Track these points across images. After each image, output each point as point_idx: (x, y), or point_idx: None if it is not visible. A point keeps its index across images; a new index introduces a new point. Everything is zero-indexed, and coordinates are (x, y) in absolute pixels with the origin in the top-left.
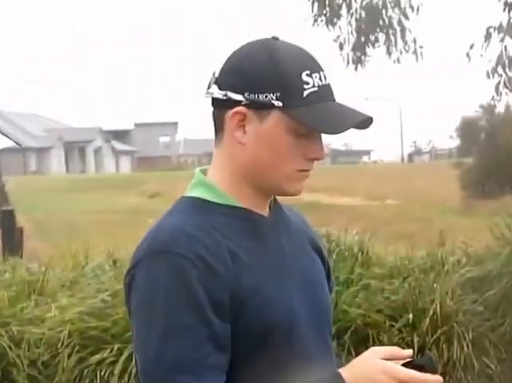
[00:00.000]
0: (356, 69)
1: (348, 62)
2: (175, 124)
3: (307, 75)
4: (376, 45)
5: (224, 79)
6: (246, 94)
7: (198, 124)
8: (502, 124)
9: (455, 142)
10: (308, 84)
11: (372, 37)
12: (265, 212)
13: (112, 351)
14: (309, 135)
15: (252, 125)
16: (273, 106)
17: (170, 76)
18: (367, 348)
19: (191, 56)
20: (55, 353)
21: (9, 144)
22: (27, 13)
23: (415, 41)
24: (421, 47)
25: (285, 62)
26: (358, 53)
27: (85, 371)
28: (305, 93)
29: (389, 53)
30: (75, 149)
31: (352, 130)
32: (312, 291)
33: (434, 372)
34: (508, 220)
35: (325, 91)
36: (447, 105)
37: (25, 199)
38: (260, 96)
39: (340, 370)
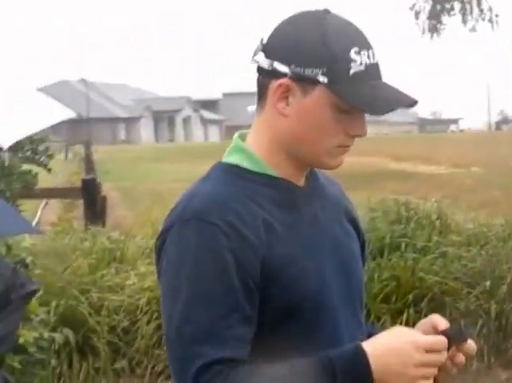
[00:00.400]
0: (431, 37)
1: (423, 31)
2: None
3: (355, 52)
4: (452, 13)
5: (272, 48)
6: (292, 66)
7: None
8: None
9: None
10: (355, 61)
11: (448, 6)
12: (301, 182)
13: None
14: (352, 112)
15: (295, 98)
16: (318, 82)
17: None
18: (444, 315)
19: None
20: (134, 319)
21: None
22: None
23: (490, 9)
24: (497, 15)
25: (335, 38)
26: (434, 22)
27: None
28: (352, 71)
29: (464, 21)
30: (164, 118)
31: (441, 98)
32: (345, 263)
33: (464, 340)
34: None
35: (372, 70)
36: None
37: (114, 168)
38: (306, 71)
39: (364, 343)
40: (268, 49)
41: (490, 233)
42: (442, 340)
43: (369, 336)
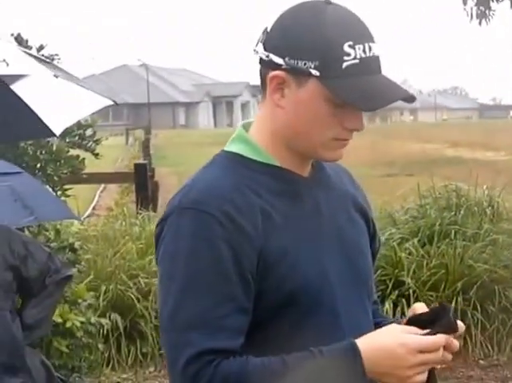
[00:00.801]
0: (480, 23)
1: (471, 17)
2: None
3: (349, 46)
4: None
5: (270, 39)
6: (286, 59)
7: None
8: None
9: None
10: (349, 55)
11: None
12: (305, 172)
13: None
14: (346, 105)
15: (290, 90)
16: (310, 75)
17: None
18: (493, 303)
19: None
20: None
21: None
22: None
23: None
24: None
25: (329, 31)
26: (482, 8)
27: None
28: (345, 65)
29: None
30: (223, 103)
31: (501, 83)
32: (349, 252)
33: (453, 331)
34: None
35: (368, 63)
36: None
37: (172, 153)
38: (299, 63)
39: (358, 340)
40: (267, 40)
41: None
42: (434, 341)
43: (377, 327)
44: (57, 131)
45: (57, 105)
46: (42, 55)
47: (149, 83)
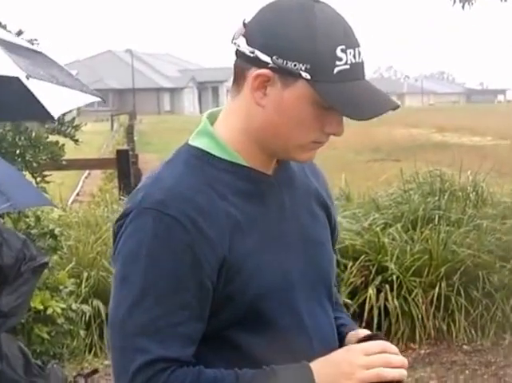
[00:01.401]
0: (463, 7)
1: (454, 1)
2: None
3: (341, 50)
4: None
5: (255, 35)
6: (274, 57)
7: None
8: None
9: None
10: (341, 60)
11: None
12: (270, 170)
13: None
14: (331, 110)
15: (274, 89)
16: (300, 77)
17: None
18: (477, 289)
19: None
20: None
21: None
22: None
23: None
24: None
25: (321, 33)
26: None
27: None
28: (336, 70)
29: None
30: (208, 89)
31: (488, 68)
32: (312, 250)
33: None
34: None
35: (357, 69)
36: None
37: (157, 139)
38: (289, 64)
39: (312, 363)
40: (250, 35)
41: None
42: (375, 343)
43: (338, 327)
44: (56, 114)
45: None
46: (27, 41)
47: (134, 68)
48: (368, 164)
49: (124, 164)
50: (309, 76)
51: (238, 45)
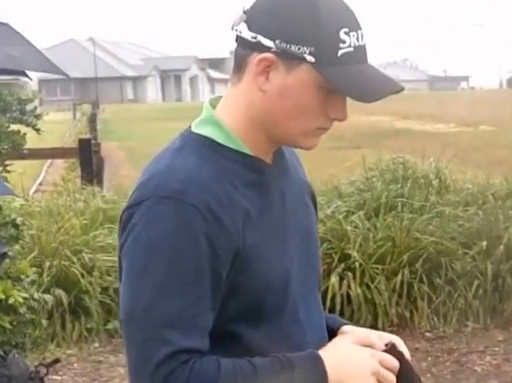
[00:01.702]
0: None
1: None
2: None
3: (345, 33)
4: None
5: (256, 20)
6: (277, 41)
7: None
8: None
9: None
10: (344, 42)
11: None
12: (269, 159)
13: None
14: (335, 94)
15: (277, 74)
16: (304, 60)
17: None
18: (439, 276)
19: None
20: None
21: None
22: None
23: None
24: None
25: (326, 15)
26: None
27: None
28: (340, 52)
29: None
30: (171, 77)
31: (451, 55)
32: (307, 242)
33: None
34: None
35: (360, 52)
36: None
37: (120, 128)
38: (292, 47)
39: (320, 351)
40: (251, 20)
41: (489, 193)
42: (394, 360)
43: (329, 329)
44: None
45: None
46: None
47: (96, 57)
48: (331, 152)
49: (86, 153)
50: (313, 59)
51: (240, 32)
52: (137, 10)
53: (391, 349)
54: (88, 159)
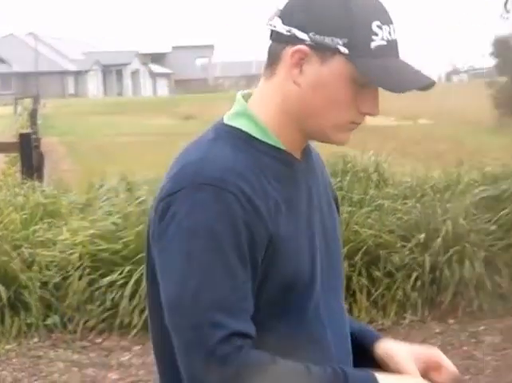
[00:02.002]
0: None
1: None
2: (212, 46)
3: (377, 26)
4: None
5: (290, 14)
6: (311, 34)
7: (234, 46)
8: None
9: (492, 61)
10: (377, 35)
11: None
12: (299, 155)
13: (122, 273)
14: (368, 88)
15: (311, 66)
16: (337, 51)
17: None
18: (378, 268)
19: None
20: (66, 275)
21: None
22: None
23: None
24: None
25: (358, 8)
26: None
27: (96, 293)
28: (373, 45)
29: None
30: (112, 72)
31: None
32: (329, 241)
33: None
34: None
35: (392, 46)
36: (483, 24)
37: (61, 122)
38: (326, 39)
39: (378, 375)
40: (285, 14)
41: (427, 185)
42: None
43: (354, 335)
44: None
45: None
46: None
47: (37, 52)
48: None
49: (26, 148)
50: (346, 51)
51: (274, 26)
52: (78, 4)
53: None
54: (28, 153)
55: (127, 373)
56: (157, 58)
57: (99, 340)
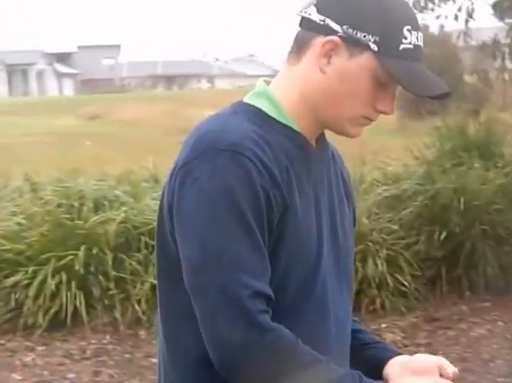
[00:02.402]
0: None
1: None
2: (118, 46)
3: (408, 30)
4: None
5: (326, 4)
6: (344, 27)
7: (141, 46)
8: (433, 45)
9: None
10: (406, 39)
11: None
12: (313, 143)
13: (26, 273)
14: (387, 87)
15: (339, 58)
16: (367, 48)
17: None
18: None
19: None
20: None
21: None
22: None
23: None
24: None
25: (393, 9)
26: None
27: (0, 293)
28: (401, 47)
29: None
30: (17, 72)
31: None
32: (336, 231)
33: None
34: (426, 140)
35: (418, 51)
36: None
37: None
38: (359, 34)
39: None
40: (321, 4)
41: None
42: None
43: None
44: None
45: None
46: None
47: None
48: (178, 146)
49: None
50: (376, 48)
51: (309, 14)
52: None
53: None
54: None
55: (31, 374)
56: (63, 58)
57: (2, 341)
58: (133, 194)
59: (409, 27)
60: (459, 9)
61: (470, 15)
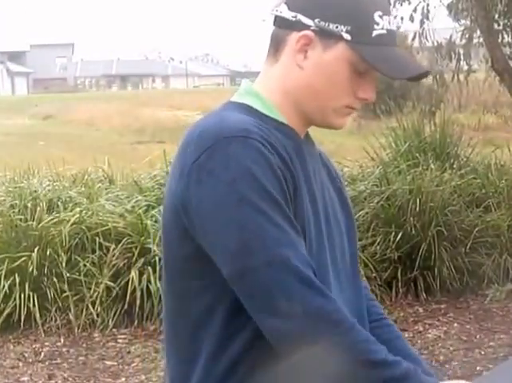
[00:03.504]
0: None
1: None
2: (71, 45)
3: (379, 16)
4: None
5: (296, 1)
6: (316, 20)
7: (95, 45)
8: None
9: None
10: (378, 24)
11: None
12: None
13: None
14: (366, 75)
15: (314, 52)
16: (341, 38)
17: None
18: None
19: None
20: None
21: None
22: None
23: None
24: None
25: None
26: None
27: None
28: (374, 33)
29: None
30: None
31: (251, 50)
32: (332, 230)
33: None
34: (382, 140)
35: (392, 35)
36: None
37: None
38: (330, 26)
39: None
40: (292, 1)
41: None
42: None
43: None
44: None
45: None
46: None
47: None
48: (133, 146)
49: None
50: (349, 37)
51: (280, 12)
52: None
53: None
54: None
55: None
56: (15, 57)
57: None
58: (88, 194)
59: (380, 13)
60: (415, 10)
61: (425, 16)
